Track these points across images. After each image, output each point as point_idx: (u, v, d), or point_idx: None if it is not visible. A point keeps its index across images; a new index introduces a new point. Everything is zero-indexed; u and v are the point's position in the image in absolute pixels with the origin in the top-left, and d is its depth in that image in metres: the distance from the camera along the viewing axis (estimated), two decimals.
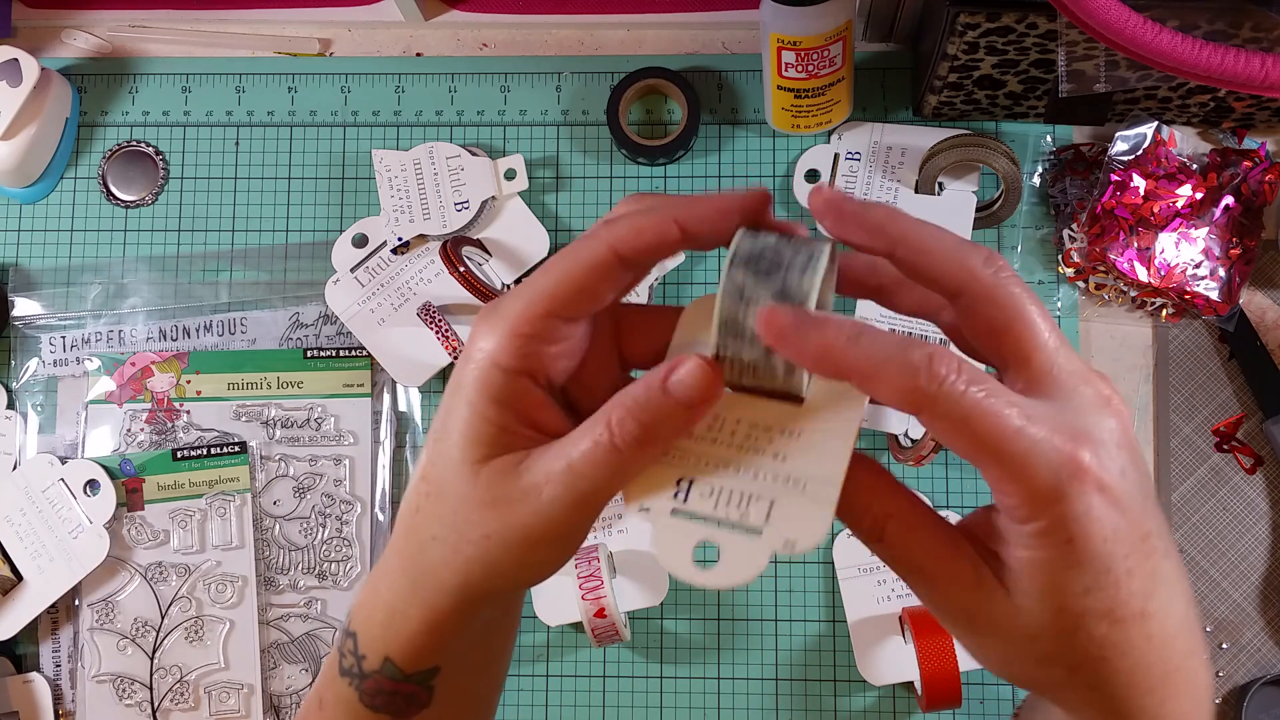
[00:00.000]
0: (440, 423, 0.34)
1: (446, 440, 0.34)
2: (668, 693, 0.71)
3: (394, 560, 0.36)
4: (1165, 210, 0.69)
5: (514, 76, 0.77)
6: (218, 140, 0.77)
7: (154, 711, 0.70)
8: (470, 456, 0.33)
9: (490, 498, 0.33)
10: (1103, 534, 0.30)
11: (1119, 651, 0.31)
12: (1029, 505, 0.29)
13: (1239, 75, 0.51)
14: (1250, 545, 0.70)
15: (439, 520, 0.34)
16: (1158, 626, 0.31)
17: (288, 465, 0.72)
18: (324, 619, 0.71)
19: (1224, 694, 0.68)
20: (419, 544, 0.34)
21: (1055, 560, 0.30)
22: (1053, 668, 0.31)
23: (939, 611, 0.33)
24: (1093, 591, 0.30)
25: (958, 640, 0.34)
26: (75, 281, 0.75)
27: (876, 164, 0.72)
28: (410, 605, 0.35)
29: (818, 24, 0.65)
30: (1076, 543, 0.30)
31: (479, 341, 0.33)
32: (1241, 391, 0.71)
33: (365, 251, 0.73)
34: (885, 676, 0.68)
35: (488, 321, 0.33)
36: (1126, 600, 0.30)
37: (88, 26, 0.79)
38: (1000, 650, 0.32)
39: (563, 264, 0.33)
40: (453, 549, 0.33)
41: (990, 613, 0.31)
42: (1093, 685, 0.31)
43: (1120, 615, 0.30)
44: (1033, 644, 0.31)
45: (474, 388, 0.33)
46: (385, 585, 0.36)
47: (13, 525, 0.70)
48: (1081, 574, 0.30)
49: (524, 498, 0.32)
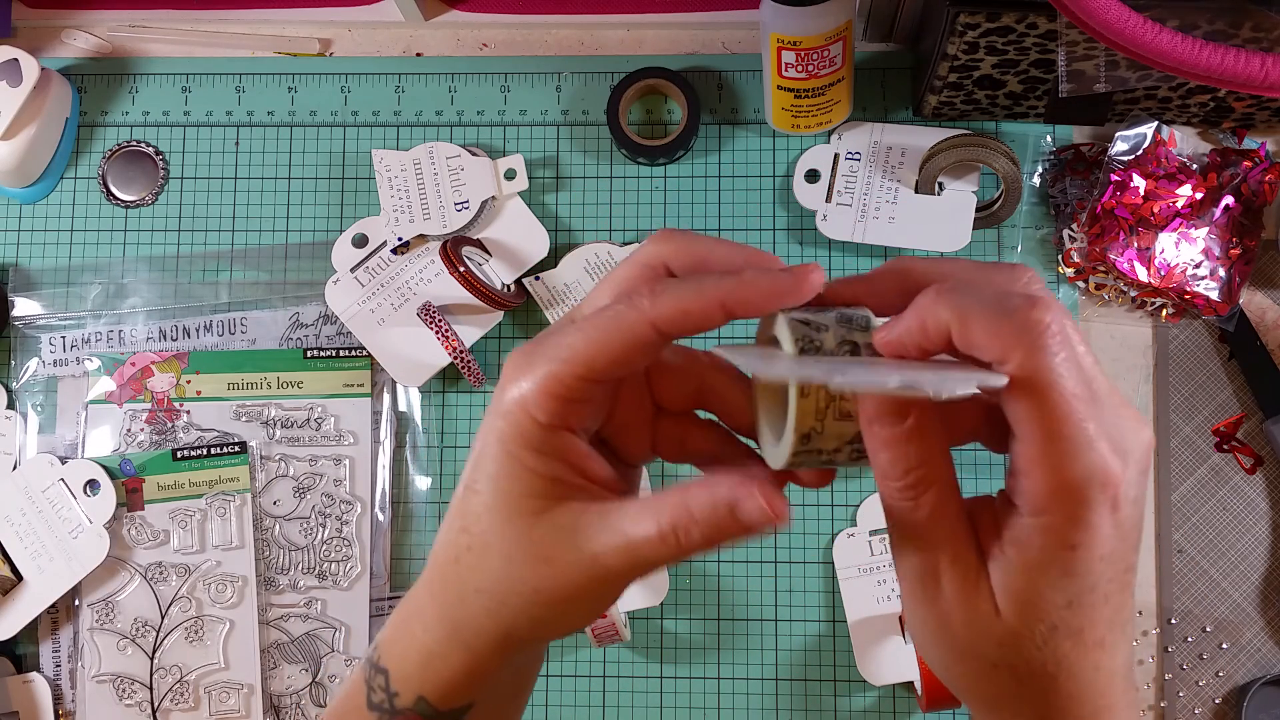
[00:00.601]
0: (480, 474, 0.34)
1: (490, 493, 0.33)
2: (668, 693, 0.71)
3: (429, 605, 0.35)
4: (1165, 210, 0.69)
5: (514, 76, 0.77)
6: (218, 140, 0.77)
7: (154, 711, 0.70)
8: (521, 509, 0.33)
9: (544, 555, 0.33)
10: (1101, 551, 0.30)
11: (1070, 674, 0.31)
12: (1048, 494, 0.29)
13: (1239, 75, 0.51)
14: (1250, 545, 0.70)
15: (483, 573, 0.34)
16: (1107, 660, 0.31)
17: (288, 465, 0.72)
18: (324, 619, 0.71)
19: (1224, 694, 0.68)
20: (459, 593, 0.34)
21: (1050, 564, 0.30)
22: (1003, 676, 0.31)
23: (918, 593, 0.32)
24: (1073, 606, 0.30)
25: (915, 621, 0.33)
26: (75, 281, 0.75)
27: (876, 164, 0.72)
28: (449, 649, 0.35)
29: (818, 24, 0.65)
30: (1078, 551, 0.29)
31: (511, 391, 0.33)
32: (1241, 391, 0.71)
33: (365, 251, 0.73)
34: (885, 676, 0.68)
35: (520, 372, 0.33)
36: (1094, 625, 0.30)
37: (88, 26, 0.79)
38: (964, 643, 0.32)
39: (601, 330, 0.32)
40: (498, 601, 0.34)
41: (975, 602, 0.31)
42: (1034, 702, 0.31)
43: (1085, 638, 0.31)
44: (995, 647, 0.31)
45: (515, 440, 0.33)
46: (420, 627, 0.36)
47: (13, 525, 0.70)
48: (1070, 585, 0.30)
49: (579, 562, 0.32)
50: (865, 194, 0.72)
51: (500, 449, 0.33)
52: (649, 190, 0.75)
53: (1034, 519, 0.30)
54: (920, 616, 0.33)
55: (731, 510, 0.31)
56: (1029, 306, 0.29)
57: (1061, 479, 0.29)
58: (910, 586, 0.32)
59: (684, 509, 0.32)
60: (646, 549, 0.32)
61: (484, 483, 0.33)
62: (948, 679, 0.33)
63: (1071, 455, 0.29)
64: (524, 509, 0.33)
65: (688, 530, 0.32)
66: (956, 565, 0.31)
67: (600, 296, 0.34)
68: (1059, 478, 0.29)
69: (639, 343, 0.32)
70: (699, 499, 0.32)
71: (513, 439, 0.33)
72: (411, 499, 0.73)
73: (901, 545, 0.32)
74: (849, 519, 0.71)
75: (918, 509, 0.31)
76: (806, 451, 0.32)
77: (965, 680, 0.33)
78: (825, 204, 0.72)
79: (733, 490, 0.31)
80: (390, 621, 0.37)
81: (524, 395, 0.32)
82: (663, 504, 0.32)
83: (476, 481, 0.34)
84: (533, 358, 0.33)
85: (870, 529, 0.70)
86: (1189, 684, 0.69)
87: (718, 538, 0.32)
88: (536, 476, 0.33)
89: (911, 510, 0.31)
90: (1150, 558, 0.70)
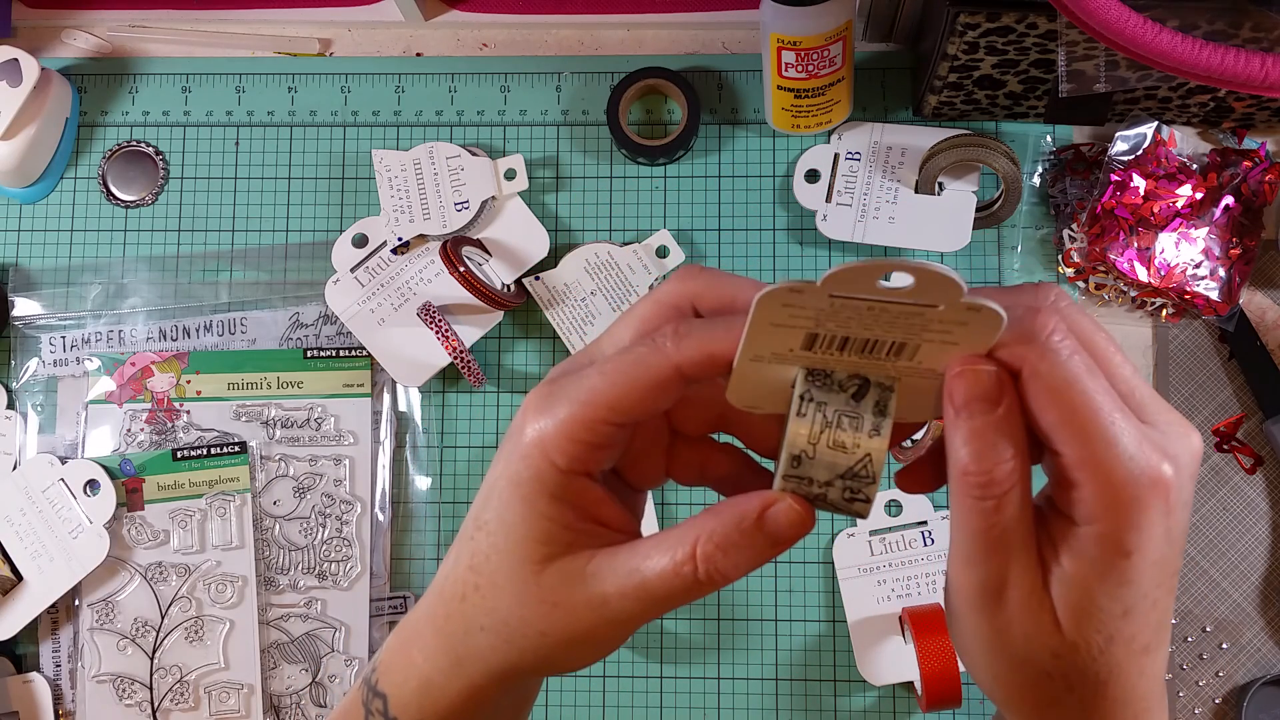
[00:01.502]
0: (491, 514, 0.33)
1: (501, 535, 0.33)
2: (668, 693, 0.71)
3: (431, 635, 0.35)
4: (1165, 210, 0.69)
5: (514, 76, 0.77)
6: (218, 140, 0.77)
7: (154, 711, 0.70)
8: (531, 556, 0.32)
9: (553, 600, 0.32)
10: (1154, 557, 0.29)
11: (1118, 681, 0.30)
12: (1101, 501, 0.29)
13: (1239, 75, 0.51)
14: (1250, 545, 0.70)
15: (490, 614, 0.33)
16: (1151, 664, 0.31)
17: (288, 465, 0.72)
18: (324, 619, 0.71)
19: (1224, 694, 0.69)
20: (464, 629, 0.34)
21: (1106, 573, 0.29)
22: (1056, 685, 0.31)
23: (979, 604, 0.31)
24: (1129, 615, 0.30)
25: (968, 634, 0.32)
26: (75, 281, 0.75)
27: (876, 164, 0.72)
28: (450, 680, 0.35)
29: (818, 24, 0.65)
30: (1133, 558, 0.29)
31: (530, 433, 0.32)
32: (1241, 391, 0.71)
33: (365, 251, 0.73)
34: (885, 676, 0.68)
35: (540, 413, 0.32)
36: (1143, 631, 0.30)
37: (88, 26, 0.79)
38: (1013, 660, 0.31)
39: (624, 374, 0.31)
40: (504, 640, 0.33)
41: (1032, 614, 0.30)
42: (1081, 709, 0.31)
43: (1136, 645, 0.30)
44: (1051, 658, 0.30)
45: (532, 485, 0.32)
46: (421, 656, 0.35)
47: (13, 525, 0.70)
48: (1126, 594, 0.29)
49: (588, 604, 0.32)
50: (865, 194, 0.72)
51: (515, 493, 0.32)
52: (649, 190, 0.75)
53: (1088, 527, 0.29)
54: (974, 627, 0.31)
55: (759, 520, 0.31)
56: (1031, 315, 0.29)
57: (1107, 484, 0.28)
58: (969, 597, 0.31)
59: (702, 532, 0.31)
60: (660, 586, 0.31)
61: (495, 524, 0.33)
62: (993, 689, 0.32)
63: (1113, 456, 0.28)
64: (535, 555, 0.32)
65: (710, 557, 0.31)
66: (1025, 575, 0.30)
67: (621, 334, 0.33)
68: (1105, 482, 0.28)
69: (663, 386, 0.31)
70: (719, 520, 0.31)
71: (529, 483, 0.32)
72: (411, 499, 0.73)
73: (971, 553, 0.30)
74: (849, 519, 0.71)
75: (1000, 511, 0.29)
76: (798, 478, 0.31)
77: (1013, 690, 0.32)
78: (825, 204, 0.72)
79: (759, 500, 0.31)
80: (389, 646, 0.37)
81: (544, 438, 0.31)
82: (677, 535, 0.32)
83: (488, 522, 0.33)
84: (553, 399, 0.32)
85: (870, 529, 0.70)
86: (1189, 684, 0.69)
87: (743, 560, 0.31)
88: (550, 523, 0.32)
89: (993, 512, 0.29)
90: None
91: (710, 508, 0.32)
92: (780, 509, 0.31)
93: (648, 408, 0.31)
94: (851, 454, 0.31)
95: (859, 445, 0.31)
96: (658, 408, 0.32)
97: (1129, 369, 0.30)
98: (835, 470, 0.31)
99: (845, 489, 0.31)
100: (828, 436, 0.31)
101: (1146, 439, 0.29)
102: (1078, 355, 0.29)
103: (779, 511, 0.31)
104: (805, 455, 0.31)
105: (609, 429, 0.31)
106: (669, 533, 0.32)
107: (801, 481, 0.31)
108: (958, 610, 0.32)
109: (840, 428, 0.30)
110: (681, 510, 0.72)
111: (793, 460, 0.31)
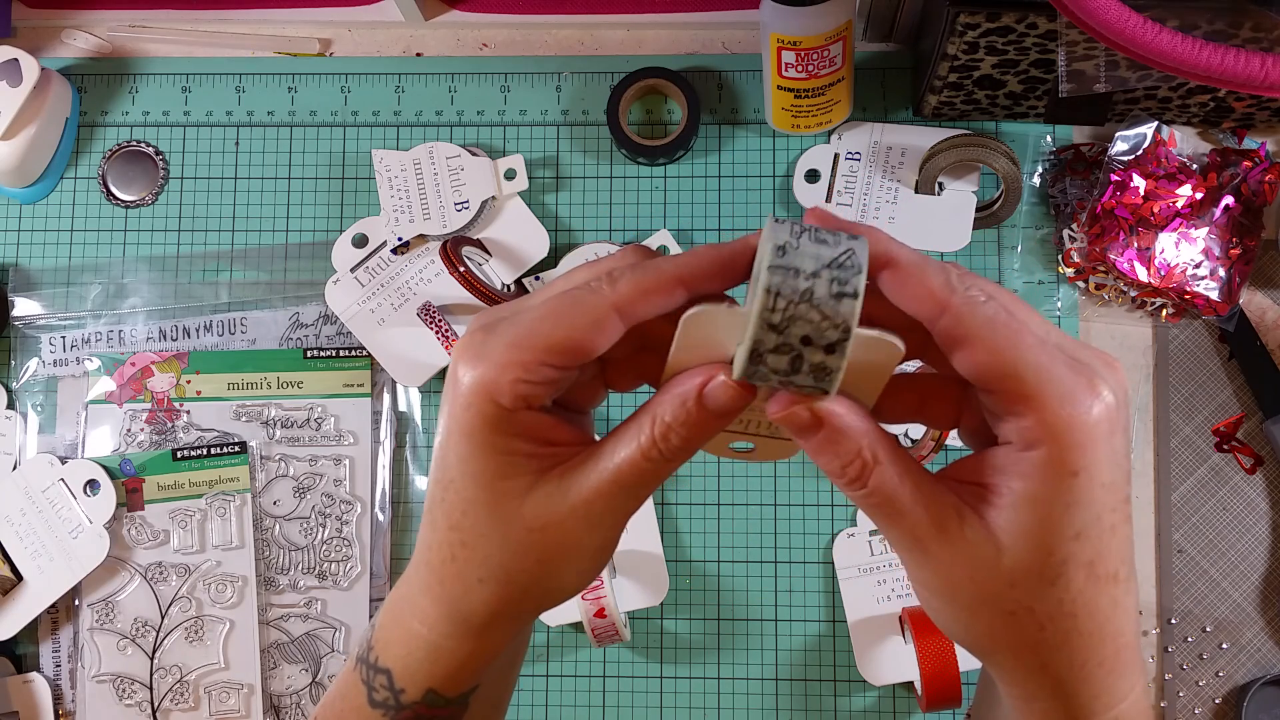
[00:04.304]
0: (454, 472, 0.33)
1: (470, 487, 0.33)
2: (668, 693, 0.71)
3: (429, 604, 0.35)
4: (1165, 210, 0.69)
5: (514, 76, 0.77)
6: (218, 140, 0.77)
7: (154, 711, 0.70)
8: (506, 492, 0.33)
9: (540, 524, 0.33)
10: (1103, 478, 0.30)
11: (1089, 612, 0.31)
12: (1043, 426, 0.29)
13: (1239, 75, 0.51)
14: (1250, 545, 0.70)
15: (484, 564, 0.34)
16: (1123, 594, 0.31)
17: (288, 465, 0.72)
18: (324, 619, 0.71)
19: (1224, 694, 0.68)
20: (463, 588, 0.34)
21: (1053, 494, 0.30)
22: (1024, 620, 0.31)
23: (910, 562, 0.32)
24: (1082, 537, 0.30)
25: (921, 590, 0.33)
26: (75, 281, 0.75)
27: (876, 164, 0.72)
28: (460, 642, 0.35)
29: (818, 24, 0.65)
30: (1080, 477, 0.29)
31: (467, 379, 0.32)
32: (1241, 391, 0.71)
33: (365, 251, 0.73)
34: (885, 676, 0.68)
35: (477, 359, 0.32)
36: (1105, 557, 0.31)
37: (88, 26, 0.79)
38: (971, 596, 0.31)
39: (562, 314, 0.32)
40: (504, 583, 0.34)
41: (970, 551, 0.31)
42: (1058, 645, 0.31)
43: (1099, 571, 0.31)
44: (1009, 589, 0.31)
45: (484, 430, 0.32)
46: (422, 625, 0.35)
47: (13, 525, 0.70)
48: (1077, 514, 0.30)
49: (573, 514, 0.33)
50: (865, 194, 0.72)
51: (470, 443, 0.33)
52: (649, 190, 0.75)
53: (1032, 452, 0.30)
54: (923, 583, 0.33)
55: (699, 399, 0.32)
56: (943, 271, 0.30)
57: (1046, 410, 0.29)
58: (903, 559, 0.33)
59: (655, 418, 0.32)
60: (632, 474, 0.33)
61: (461, 480, 0.33)
62: (970, 641, 0.33)
63: (1046, 383, 0.29)
64: (507, 491, 0.33)
65: (665, 436, 0.32)
66: (936, 527, 0.31)
67: (554, 288, 0.34)
68: (1043, 408, 0.29)
69: (599, 325, 0.32)
70: (668, 404, 0.32)
71: (481, 430, 0.32)
72: (411, 499, 0.73)
73: (878, 525, 0.33)
74: (849, 519, 0.71)
75: (871, 494, 0.31)
76: (767, 353, 0.30)
77: (988, 638, 0.32)
78: (825, 204, 0.72)
79: (695, 379, 0.32)
80: (381, 624, 0.37)
81: (484, 382, 0.32)
82: (635, 426, 0.33)
83: (454, 480, 0.33)
84: (489, 345, 0.32)
85: (870, 529, 0.70)
86: (1189, 684, 0.69)
87: (696, 433, 0.32)
88: (510, 458, 0.33)
89: (865, 497, 0.32)
90: (1150, 558, 0.70)
91: (658, 392, 0.33)
92: (714, 387, 0.32)
93: (586, 348, 0.32)
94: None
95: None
96: (596, 348, 0.32)
97: (1038, 318, 0.31)
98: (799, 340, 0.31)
99: (814, 370, 0.31)
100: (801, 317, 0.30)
101: (1074, 367, 0.30)
102: (993, 300, 0.30)
103: (715, 391, 0.32)
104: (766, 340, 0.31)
105: (549, 370, 0.32)
106: (627, 426, 0.33)
107: (771, 356, 0.31)
108: (909, 579, 0.34)
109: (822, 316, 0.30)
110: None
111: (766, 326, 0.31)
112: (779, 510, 0.72)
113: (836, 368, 0.30)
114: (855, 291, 0.29)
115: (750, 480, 0.72)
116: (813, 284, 0.30)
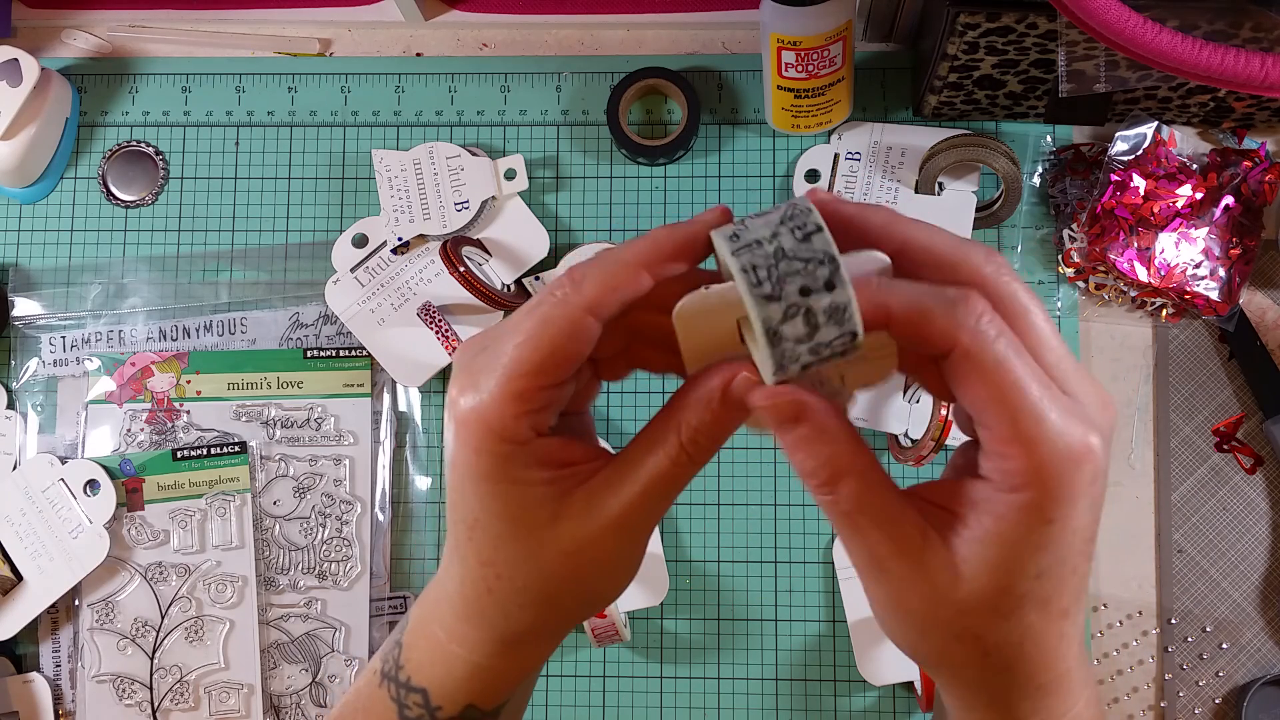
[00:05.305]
0: (477, 514, 0.33)
1: (496, 524, 0.33)
2: (668, 693, 0.71)
3: (468, 629, 0.36)
4: (1165, 210, 0.69)
5: (514, 76, 0.77)
6: (218, 140, 0.77)
7: (154, 711, 0.70)
8: (534, 524, 0.33)
9: (574, 546, 0.33)
10: (1076, 524, 0.30)
11: (1035, 643, 0.31)
12: (1027, 474, 0.29)
13: (1239, 75, 0.51)
14: (1250, 545, 0.70)
15: (523, 593, 0.34)
16: (1070, 628, 0.32)
17: (288, 465, 0.72)
18: (324, 619, 0.71)
19: (1224, 694, 0.69)
20: (502, 614, 0.35)
21: (1024, 538, 0.30)
22: (969, 646, 0.31)
23: (867, 577, 0.33)
24: (1043, 577, 0.30)
25: (873, 602, 0.33)
26: (75, 281, 0.75)
27: (876, 164, 0.72)
28: (503, 661, 0.36)
29: (818, 24, 0.65)
30: (1055, 525, 0.30)
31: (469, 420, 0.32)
32: (1241, 391, 0.71)
33: (365, 251, 0.73)
34: (885, 676, 0.68)
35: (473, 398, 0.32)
36: (1060, 595, 0.31)
37: (88, 26, 0.79)
38: (922, 618, 0.32)
39: (537, 334, 0.32)
40: (547, 608, 0.34)
41: (928, 577, 0.31)
42: (1000, 670, 0.32)
43: (1051, 608, 0.31)
44: (961, 616, 0.31)
45: (496, 470, 0.32)
46: (459, 645, 0.36)
47: (13, 525, 0.70)
48: (1043, 557, 0.30)
49: (606, 531, 0.33)
50: (865, 194, 0.72)
51: (486, 484, 0.33)
52: (649, 190, 0.75)
53: (1011, 495, 0.30)
54: (875, 597, 0.33)
55: (724, 399, 0.32)
56: (962, 299, 0.30)
57: (1035, 459, 0.29)
58: (860, 573, 0.33)
59: (681, 424, 0.33)
60: (662, 483, 0.33)
61: (486, 519, 0.33)
62: (915, 655, 0.34)
63: (1041, 433, 0.29)
64: (535, 522, 0.33)
65: (694, 440, 0.32)
66: (898, 546, 0.31)
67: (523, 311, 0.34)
68: (1033, 457, 0.29)
69: (576, 333, 0.32)
70: (690, 408, 0.33)
71: (495, 470, 0.32)
72: (411, 499, 0.73)
73: (840, 536, 0.33)
74: None
75: (838, 502, 0.32)
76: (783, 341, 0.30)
77: (934, 656, 0.33)
78: None
79: (714, 380, 0.32)
80: (412, 645, 0.37)
81: (486, 422, 0.32)
82: (658, 434, 0.33)
83: (477, 519, 0.33)
84: (480, 383, 0.32)
85: None
86: (1189, 684, 0.69)
87: (722, 432, 0.33)
88: (531, 489, 0.33)
89: (832, 504, 0.32)
90: (1150, 558, 0.70)
91: (674, 398, 0.33)
92: (740, 382, 0.32)
93: (572, 360, 0.32)
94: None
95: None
96: (581, 354, 0.32)
97: (1056, 340, 0.31)
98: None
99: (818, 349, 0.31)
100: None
101: (1071, 413, 0.30)
102: (1004, 337, 0.30)
103: (740, 384, 0.32)
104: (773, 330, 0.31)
105: (547, 393, 0.32)
106: (648, 434, 0.33)
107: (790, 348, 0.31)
108: (865, 593, 0.34)
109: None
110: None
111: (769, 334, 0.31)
112: (779, 510, 0.72)
113: (846, 300, 0.30)
114: (818, 225, 0.30)
115: (750, 480, 0.72)
116: (778, 241, 0.30)
